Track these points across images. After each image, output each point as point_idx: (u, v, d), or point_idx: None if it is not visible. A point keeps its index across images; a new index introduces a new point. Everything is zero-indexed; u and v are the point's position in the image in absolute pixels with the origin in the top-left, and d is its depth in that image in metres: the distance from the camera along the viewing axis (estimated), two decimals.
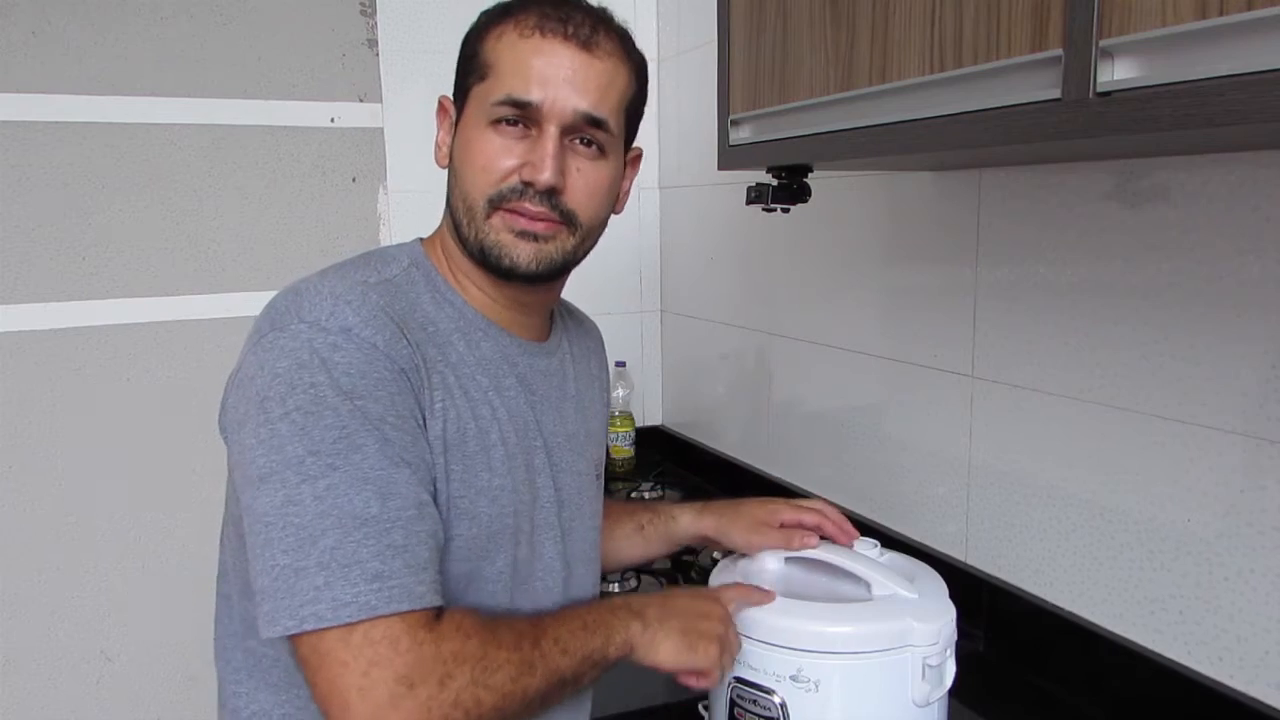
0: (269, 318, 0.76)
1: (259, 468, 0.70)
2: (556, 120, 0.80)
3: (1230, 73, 0.55)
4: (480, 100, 0.82)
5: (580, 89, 0.80)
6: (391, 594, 0.68)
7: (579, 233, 0.84)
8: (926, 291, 1.33)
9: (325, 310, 0.73)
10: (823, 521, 1.02)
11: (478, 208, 0.81)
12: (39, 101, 1.64)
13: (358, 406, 0.71)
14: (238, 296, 1.79)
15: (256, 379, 0.72)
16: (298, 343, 0.72)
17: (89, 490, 1.73)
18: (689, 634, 0.83)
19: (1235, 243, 0.92)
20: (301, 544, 0.68)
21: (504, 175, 0.80)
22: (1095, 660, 1.09)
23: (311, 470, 0.69)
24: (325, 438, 0.69)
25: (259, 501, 0.70)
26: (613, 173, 0.86)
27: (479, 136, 0.81)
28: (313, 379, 0.70)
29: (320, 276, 0.79)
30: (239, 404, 0.74)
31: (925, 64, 0.81)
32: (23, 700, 1.72)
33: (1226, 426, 0.94)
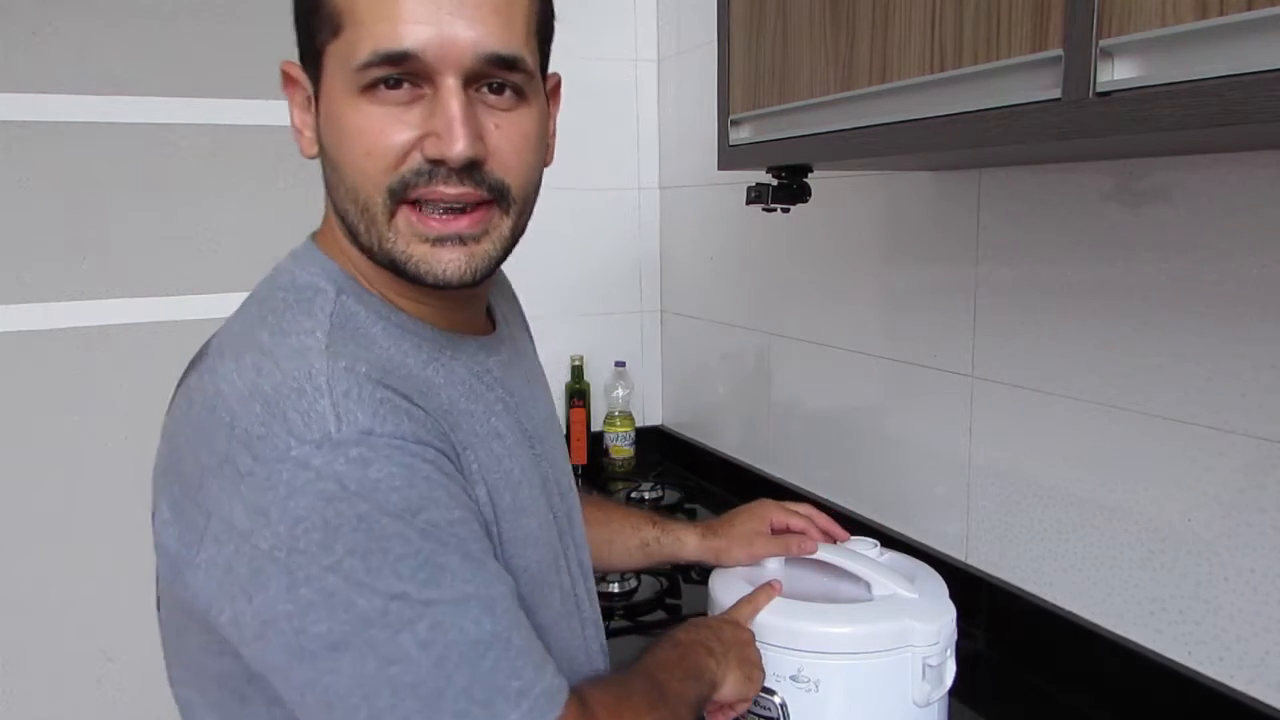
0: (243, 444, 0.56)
1: (321, 637, 0.55)
2: (454, 68, 0.60)
3: (1230, 73, 0.55)
4: (340, 62, 0.62)
5: (474, 18, 0.60)
6: (537, 704, 0.60)
7: (514, 208, 0.66)
8: (926, 291, 1.33)
9: (327, 416, 0.56)
10: (809, 527, 1.03)
11: (375, 206, 0.63)
12: (39, 101, 1.64)
13: (420, 524, 0.57)
14: (238, 296, 1.78)
15: (258, 531, 0.55)
16: (311, 472, 0.55)
17: (89, 490, 1.73)
18: (745, 664, 0.85)
19: (1235, 243, 0.92)
20: (425, 703, 0.56)
21: (399, 156, 0.62)
22: (1095, 660, 1.09)
23: (403, 616, 0.56)
24: (402, 573, 0.56)
25: (338, 677, 0.56)
26: (539, 118, 0.67)
27: (350, 110, 0.62)
28: (355, 511, 0.55)
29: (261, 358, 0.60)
30: (234, 564, 0.56)
31: (925, 64, 0.81)
32: (23, 700, 1.72)
33: (1226, 426, 0.94)
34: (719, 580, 1.00)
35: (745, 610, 0.92)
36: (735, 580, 0.98)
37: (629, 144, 2.09)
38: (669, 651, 0.81)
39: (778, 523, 1.04)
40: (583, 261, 2.08)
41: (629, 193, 2.10)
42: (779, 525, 1.04)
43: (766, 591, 0.92)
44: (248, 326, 0.65)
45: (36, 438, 1.69)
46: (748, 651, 0.87)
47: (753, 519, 1.05)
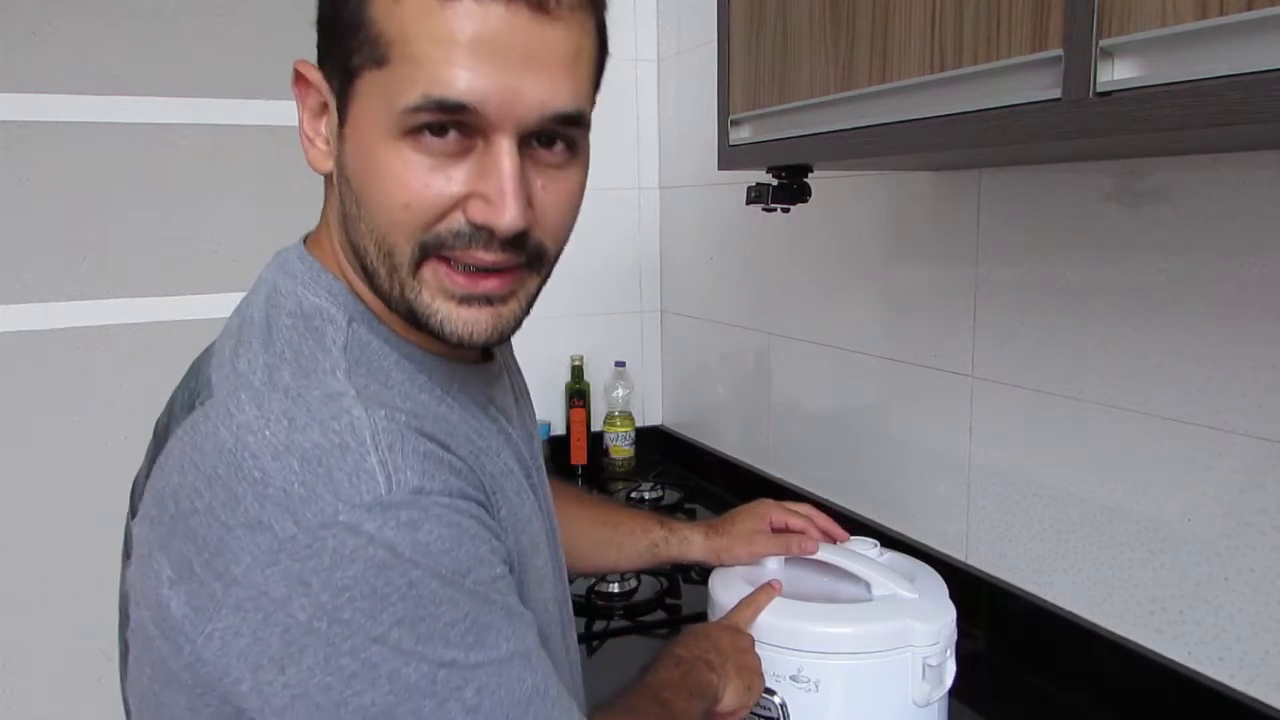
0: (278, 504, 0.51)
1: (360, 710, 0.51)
2: (513, 126, 0.54)
3: (1229, 73, 0.55)
4: (382, 97, 0.55)
5: (543, 71, 0.54)
6: None
7: (545, 269, 0.62)
8: (926, 291, 1.33)
9: (377, 476, 0.52)
10: (809, 526, 1.03)
11: (402, 256, 0.57)
12: (39, 101, 1.64)
13: (469, 586, 0.54)
14: (238, 297, 1.78)
15: (298, 600, 0.50)
16: (362, 538, 0.50)
17: (89, 490, 1.73)
18: (744, 673, 0.85)
19: (1235, 243, 0.92)
20: None
21: (440, 214, 0.56)
22: (1095, 660, 1.09)
23: (451, 682, 0.53)
24: (451, 640, 0.53)
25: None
26: (584, 172, 0.62)
27: (389, 153, 0.55)
28: (407, 578, 0.51)
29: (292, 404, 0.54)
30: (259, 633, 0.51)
31: (925, 64, 0.81)
32: (23, 700, 1.72)
33: (1226, 426, 0.94)
34: (719, 580, 1.00)
35: (745, 613, 0.92)
36: (735, 580, 0.98)
37: (629, 144, 2.09)
38: (672, 670, 0.81)
39: (777, 522, 1.04)
40: (583, 261, 2.07)
41: (629, 193, 2.10)
42: (779, 524, 1.04)
43: (766, 592, 0.93)
44: (256, 360, 0.58)
45: (36, 438, 1.69)
46: (746, 659, 0.87)
47: (753, 518, 1.05)
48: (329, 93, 0.59)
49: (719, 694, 0.83)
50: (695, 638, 0.87)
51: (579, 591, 1.38)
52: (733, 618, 0.92)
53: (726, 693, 0.84)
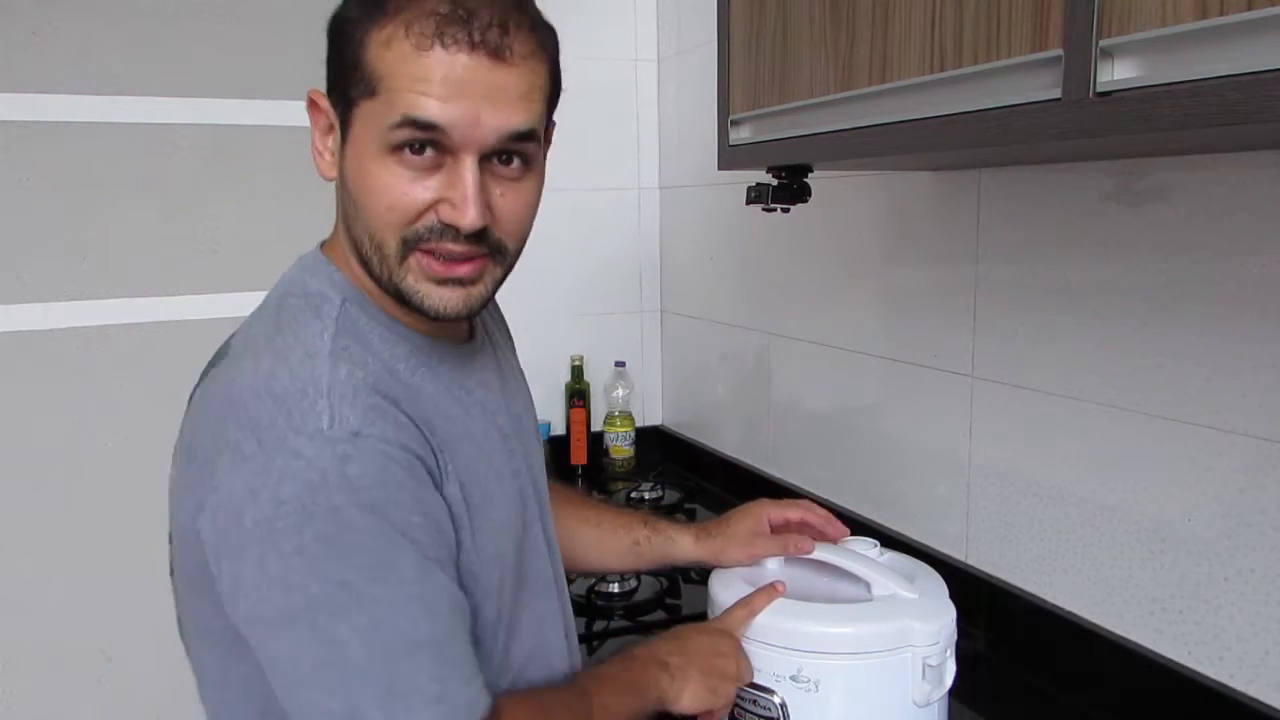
0: (250, 429, 0.64)
1: (279, 609, 0.62)
2: (475, 147, 0.67)
3: (1229, 73, 0.55)
4: (373, 121, 0.68)
5: (497, 106, 0.67)
6: (453, 712, 0.65)
7: (507, 259, 0.75)
8: (926, 291, 1.33)
9: (324, 416, 0.64)
10: (807, 516, 1.03)
11: (389, 248, 0.70)
12: (39, 101, 1.64)
13: (386, 521, 0.63)
14: (238, 296, 1.79)
15: (250, 507, 0.62)
16: (302, 462, 0.62)
17: (89, 490, 1.73)
18: (709, 676, 0.86)
19: (1235, 243, 0.92)
20: (350, 684, 0.62)
21: (417, 214, 0.69)
22: (1095, 660, 1.09)
23: (345, 604, 0.62)
24: (356, 564, 0.62)
25: (283, 645, 0.64)
26: (539, 183, 0.75)
27: (377, 166, 0.68)
28: (330, 502, 0.62)
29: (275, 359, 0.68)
30: (228, 532, 0.64)
31: (925, 64, 0.81)
32: (23, 700, 1.72)
33: (1226, 426, 0.94)
34: (719, 580, 1.00)
35: (738, 614, 0.91)
36: (735, 580, 0.98)
37: (629, 144, 2.09)
38: (614, 666, 0.85)
39: (775, 520, 1.04)
40: (583, 261, 2.08)
41: (629, 193, 2.10)
42: (777, 522, 1.04)
43: (766, 594, 0.92)
44: (265, 329, 0.72)
45: (36, 438, 1.69)
46: (718, 663, 0.87)
47: (749, 519, 1.05)
48: (334, 116, 0.72)
49: (666, 695, 0.84)
50: (666, 638, 0.90)
51: (579, 591, 1.38)
52: (725, 618, 0.92)
53: (685, 695, 0.85)
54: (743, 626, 0.91)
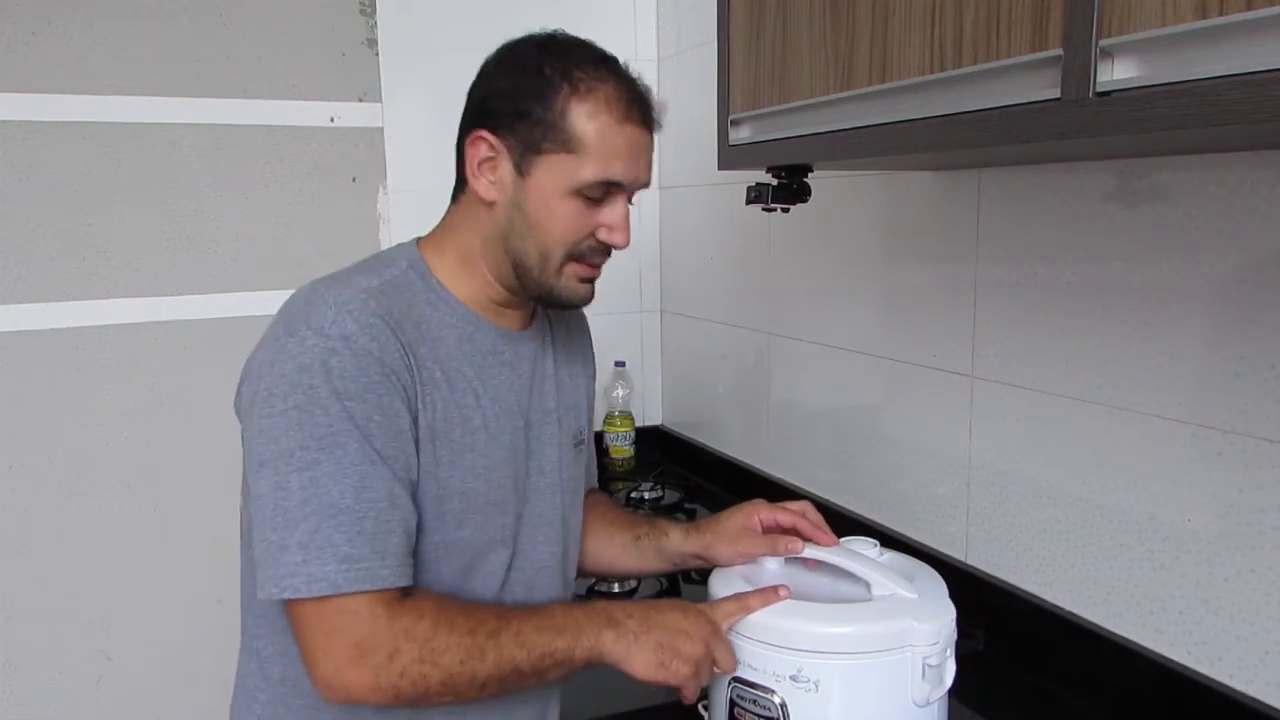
0: (283, 321, 0.84)
1: (258, 454, 0.81)
2: (632, 191, 0.91)
3: (1229, 72, 0.56)
4: (566, 171, 0.87)
5: (648, 164, 0.92)
6: (357, 575, 0.79)
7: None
8: (926, 291, 1.33)
9: (329, 318, 0.81)
10: (799, 520, 1.03)
11: (554, 257, 0.90)
12: (39, 101, 1.64)
13: (346, 408, 0.80)
14: (238, 296, 1.79)
15: (265, 376, 0.81)
16: (303, 348, 0.80)
17: (89, 490, 1.73)
18: (664, 650, 0.86)
19: (1235, 242, 0.92)
20: (286, 525, 0.79)
21: (585, 236, 0.90)
22: (1095, 660, 1.09)
23: (299, 462, 0.79)
24: (314, 433, 0.79)
25: (258, 483, 0.81)
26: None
27: (561, 203, 0.88)
28: (311, 381, 0.79)
29: (329, 282, 0.87)
30: (249, 395, 0.83)
31: (925, 64, 0.81)
32: (23, 700, 1.72)
33: (1226, 426, 0.94)
34: (719, 580, 1.00)
35: (728, 606, 0.92)
36: (736, 580, 0.98)
37: None
38: (558, 607, 0.89)
39: (766, 520, 1.05)
40: None
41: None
42: (768, 523, 1.05)
43: (764, 596, 0.92)
44: (337, 273, 0.91)
45: (36, 438, 1.69)
46: (679, 641, 0.86)
47: (741, 516, 1.06)
48: (504, 151, 0.90)
49: (608, 651, 0.85)
50: (637, 603, 0.92)
51: (578, 592, 1.38)
52: (713, 606, 0.92)
53: (633, 658, 0.85)
54: (730, 619, 0.91)
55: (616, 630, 0.86)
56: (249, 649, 0.94)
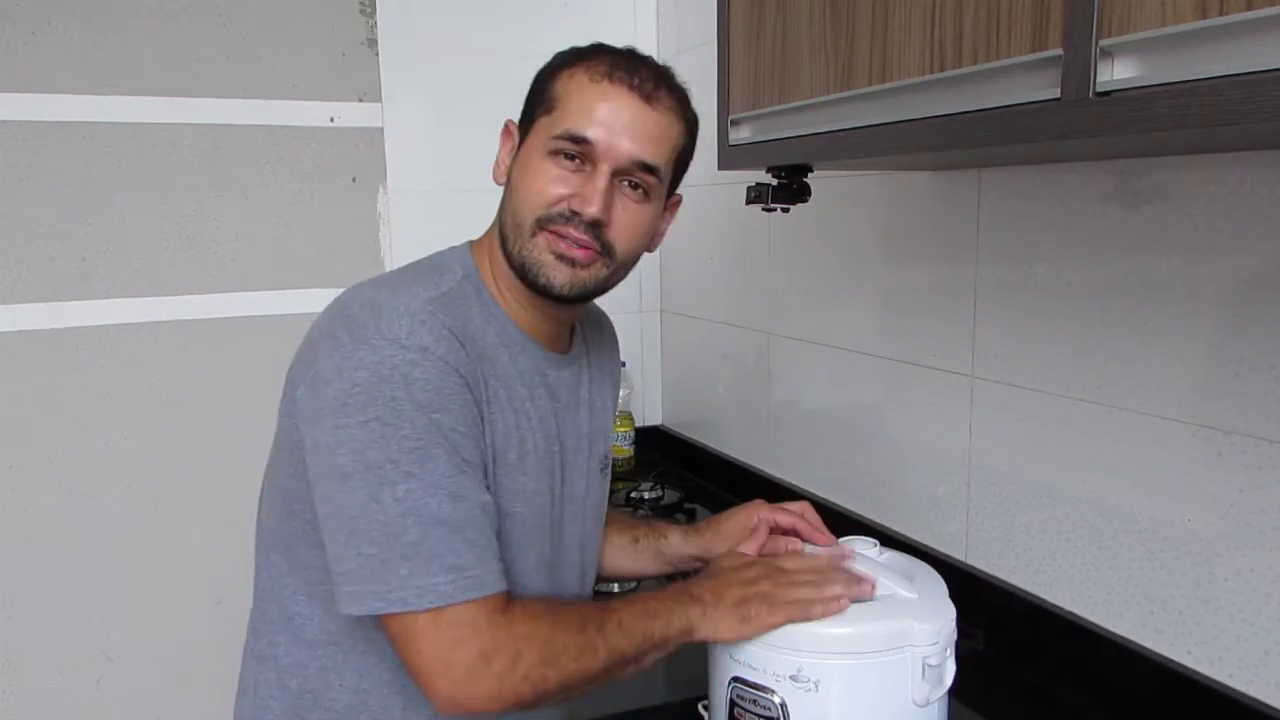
0: (345, 326, 0.82)
1: (340, 466, 0.79)
2: (610, 161, 0.86)
3: (1229, 72, 0.55)
4: (543, 131, 0.88)
5: (636, 136, 0.87)
6: (468, 583, 0.78)
7: (613, 264, 0.90)
8: (926, 291, 1.33)
9: (404, 328, 0.80)
10: (797, 521, 1.04)
11: (525, 225, 0.88)
12: (39, 101, 1.64)
13: (432, 420, 0.79)
14: (238, 296, 1.79)
15: (334, 383, 0.79)
16: (378, 357, 0.79)
17: (89, 490, 1.73)
18: (740, 605, 0.88)
19: (1235, 243, 0.92)
20: (386, 538, 0.77)
21: (554, 200, 0.87)
22: (1095, 660, 1.09)
23: (391, 475, 0.77)
24: (403, 447, 0.78)
25: (341, 496, 0.79)
26: (653, 215, 0.93)
27: (537, 163, 0.88)
28: (393, 393, 0.78)
29: (390, 290, 0.85)
30: (314, 401, 0.81)
31: (925, 64, 0.81)
32: (23, 700, 1.72)
33: (1226, 426, 0.94)
34: None
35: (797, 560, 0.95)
36: None
37: None
38: (644, 593, 0.90)
39: (765, 520, 1.05)
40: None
41: None
42: (767, 523, 1.05)
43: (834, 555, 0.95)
44: (395, 274, 0.91)
45: (36, 438, 1.69)
46: (746, 591, 0.88)
47: (740, 517, 1.07)
48: (518, 136, 0.92)
49: (698, 628, 0.87)
50: (706, 576, 0.94)
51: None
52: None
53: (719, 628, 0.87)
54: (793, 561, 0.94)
55: (700, 607, 0.88)
56: (261, 655, 0.93)
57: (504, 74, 1.95)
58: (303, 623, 0.90)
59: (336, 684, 0.89)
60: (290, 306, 1.81)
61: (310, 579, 0.88)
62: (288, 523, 0.88)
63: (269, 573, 0.92)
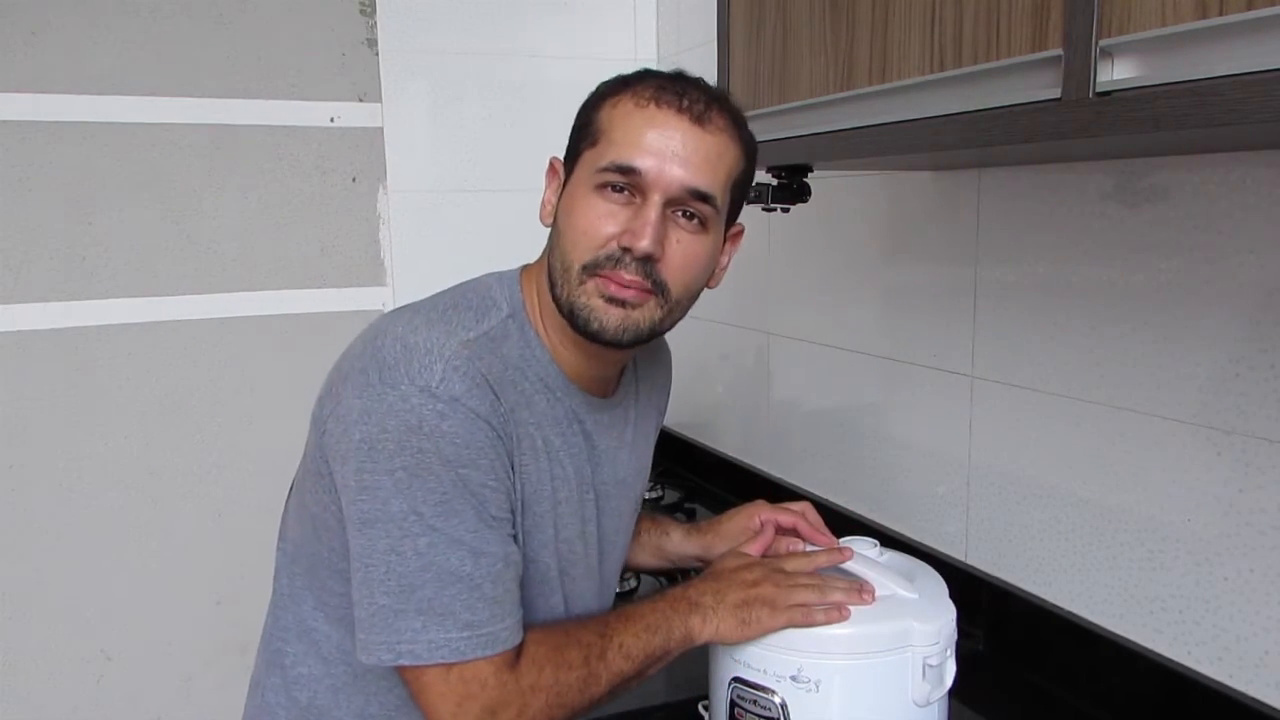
0: (377, 365, 0.78)
1: (362, 512, 0.77)
2: (661, 191, 0.80)
3: (1230, 73, 0.56)
4: (589, 164, 0.83)
5: (688, 162, 0.80)
6: (479, 641, 0.78)
7: (668, 304, 0.84)
8: (926, 291, 1.33)
9: (436, 376, 0.77)
10: (798, 521, 1.04)
11: (573, 272, 0.82)
12: (39, 101, 1.64)
13: (460, 475, 0.77)
14: (238, 296, 1.79)
15: (360, 425, 0.77)
16: (407, 405, 0.76)
17: (89, 490, 1.73)
18: (741, 608, 0.87)
19: (1235, 243, 0.92)
20: (401, 590, 0.76)
21: (604, 241, 0.81)
22: (1095, 660, 1.09)
23: (413, 528, 0.76)
24: (428, 500, 0.76)
25: (362, 542, 0.78)
26: (711, 247, 0.86)
27: (584, 200, 0.82)
28: (420, 445, 0.75)
29: (427, 328, 0.80)
30: (340, 437, 0.79)
31: (925, 64, 0.81)
32: (23, 700, 1.72)
33: (1226, 426, 0.94)
34: None
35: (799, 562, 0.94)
36: None
37: None
38: (641, 605, 0.89)
39: (766, 520, 1.05)
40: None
41: None
42: (767, 523, 1.05)
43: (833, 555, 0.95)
44: (438, 303, 0.86)
45: (36, 438, 1.69)
46: (748, 594, 0.88)
47: (741, 517, 1.08)
48: (564, 173, 0.87)
49: (699, 634, 0.87)
50: (704, 576, 0.93)
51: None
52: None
53: (721, 631, 0.87)
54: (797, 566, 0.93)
55: (700, 613, 0.87)
56: (274, 663, 0.93)
57: (504, 74, 1.96)
58: (319, 638, 0.89)
59: (346, 703, 0.89)
60: (290, 306, 1.81)
61: (330, 601, 0.88)
62: (313, 544, 0.88)
63: (290, 583, 0.92)
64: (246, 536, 1.77)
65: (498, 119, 1.95)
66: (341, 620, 0.87)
